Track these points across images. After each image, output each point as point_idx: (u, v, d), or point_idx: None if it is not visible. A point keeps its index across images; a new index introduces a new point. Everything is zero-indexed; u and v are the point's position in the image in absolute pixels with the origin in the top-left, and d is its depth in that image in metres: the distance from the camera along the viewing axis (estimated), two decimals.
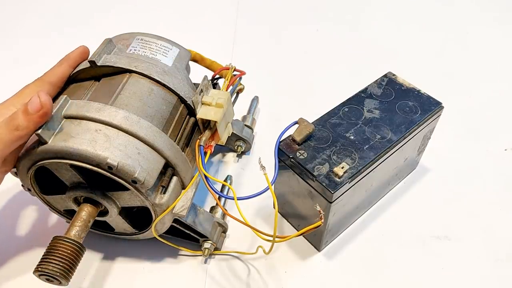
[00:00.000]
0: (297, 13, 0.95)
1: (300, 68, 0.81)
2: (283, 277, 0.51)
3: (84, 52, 0.49)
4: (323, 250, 0.54)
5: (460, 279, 0.51)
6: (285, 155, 0.47)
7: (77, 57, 0.49)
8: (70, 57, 0.48)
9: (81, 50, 0.49)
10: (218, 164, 0.64)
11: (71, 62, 0.48)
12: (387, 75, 0.56)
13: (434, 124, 0.55)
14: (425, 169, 0.63)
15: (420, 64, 0.81)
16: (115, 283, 0.51)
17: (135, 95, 0.45)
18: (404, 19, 0.93)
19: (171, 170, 0.45)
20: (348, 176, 0.44)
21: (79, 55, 0.49)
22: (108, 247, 0.54)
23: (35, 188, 0.46)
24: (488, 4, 0.96)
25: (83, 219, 0.44)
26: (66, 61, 0.48)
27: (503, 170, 0.63)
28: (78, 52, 0.49)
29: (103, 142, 0.40)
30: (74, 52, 0.49)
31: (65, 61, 0.48)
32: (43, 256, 0.41)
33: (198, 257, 0.53)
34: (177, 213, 0.45)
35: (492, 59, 0.82)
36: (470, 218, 0.57)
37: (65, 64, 0.48)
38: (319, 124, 0.50)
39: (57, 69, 0.48)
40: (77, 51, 0.49)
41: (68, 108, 0.42)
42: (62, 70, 0.48)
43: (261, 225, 0.56)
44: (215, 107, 0.47)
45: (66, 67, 0.48)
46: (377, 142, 0.48)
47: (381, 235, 0.55)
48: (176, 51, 0.52)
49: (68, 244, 0.41)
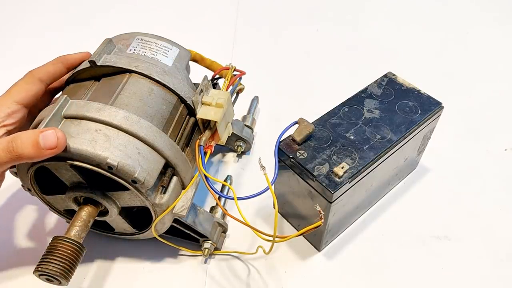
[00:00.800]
0: (297, 13, 0.95)
1: (300, 68, 0.81)
2: (283, 277, 0.51)
3: (84, 58, 0.48)
4: (323, 250, 0.54)
5: (460, 279, 0.51)
6: (285, 155, 0.47)
7: (75, 61, 0.48)
8: (67, 58, 0.48)
9: (82, 56, 0.48)
10: (218, 164, 0.64)
11: (67, 63, 0.48)
12: (387, 75, 0.56)
13: (434, 124, 0.55)
14: (425, 169, 0.63)
15: (420, 64, 0.81)
16: (115, 283, 0.51)
17: (135, 95, 0.45)
18: (404, 19, 0.93)
19: (171, 170, 0.45)
20: (348, 176, 0.44)
21: (78, 59, 0.48)
22: (108, 247, 0.54)
23: (35, 188, 0.46)
24: (488, 4, 0.96)
25: (83, 219, 0.44)
26: (62, 61, 0.47)
27: (503, 170, 0.63)
28: (78, 56, 0.48)
29: (103, 142, 0.40)
30: (74, 55, 0.48)
31: (61, 61, 0.47)
32: (43, 256, 0.41)
33: (198, 257, 0.53)
34: (177, 213, 0.45)
35: (492, 59, 0.82)
36: (470, 218, 0.57)
37: (60, 64, 0.47)
38: (319, 124, 0.50)
39: (50, 67, 0.47)
40: (78, 55, 0.48)
41: (68, 108, 0.42)
42: (55, 69, 0.47)
43: (261, 225, 0.56)
44: (215, 107, 0.47)
45: (60, 67, 0.47)
46: (377, 142, 0.48)
47: (381, 235, 0.55)
48: (176, 51, 0.52)
49: (68, 244, 0.41)
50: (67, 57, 0.48)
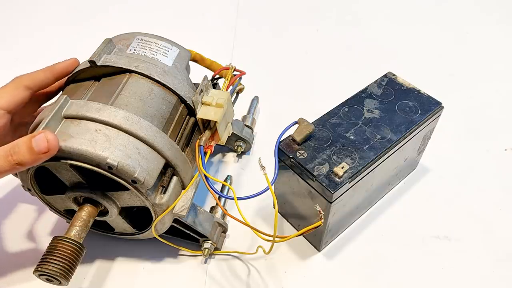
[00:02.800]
0: (297, 13, 0.95)
1: (300, 68, 0.81)
2: (283, 277, 0.51)
3: (72, 65, 0.48)
4: (323, 250, 0.54)
5: (460, 279, 0.51)
6: (285, 155, 0.47)
7: (63, 69, 0.48)
8: (56, 68, 0.47)
9: (70, 63, 0.48)
10: (218, 164, 0.64)
11: (55, 72, 0.47)
12: (387, 75, 0.56)
13: (434, 124, 0.55)
14: (425, 169, 0.63)
15: (420, 64, 0.81)
16: (115, 283, 0.51)
17: (135, 95, 0.45)
18: (404, 19, 0.93)
19: (171, 170, 0.45)
20: (348, 176, 0.44)
21: (65, 67, 0.48)
22: (108, 247, 0.54)
23: (35, 188, 0.46)
24: (488, 4, 0.96)
25: (83, 219, 0.44)
26: (50, 70, 0.47)
27: (503, 170, 0.63)
28: (66, 64, 0.48)
29: (103, 142, 0.40)
30: (62, 63, 0.48)
31: (50, 70, 0.47)
32: (43, 256, 0.41)
33: (198, 257, 0.53)
34: (177, 213, 0.45)
35: (492, 59, 0.82)
36: (470, 218, 0.57)
37: (48, 73, 0.47)
38: (319, 124, 0.50)
39: (39, 75, 0.47)
40: (66, 63, 0.48)
41: (68, 108, 0.42)
42: (43, 77, 0.47)
43: (261, 225, 0.56)
44: (215, 107, 0.47)
45: (49, 76, 0.47)
46: (377, 142, 0.48)
47: (381, 235, 0.55)
48: (176, 51, 0.52)
49: (68, 244, 0.41)
50: (55, 66, 0.48)
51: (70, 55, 0.50)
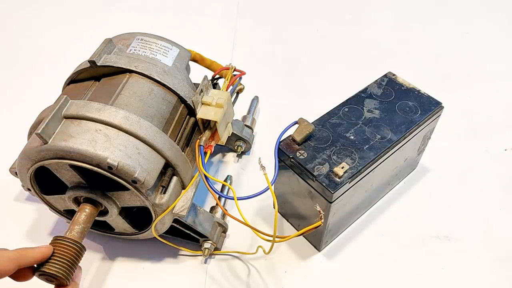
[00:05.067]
0: (297, 13, 0.95)
1: (300, 68, 0.81)
2: (283, 277, 0.51)
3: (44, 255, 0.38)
4: (323, 250, 0.54)
5: (460, 279, 0.51)
6: (285, 155, 0.47)
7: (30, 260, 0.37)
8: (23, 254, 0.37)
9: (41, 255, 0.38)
10: (218, 164, 0.64)
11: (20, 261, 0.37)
12: (387, 75, 0.56)
13: (434, 124, 0.55)
14: (425, 169, 0.63)
15: (420, 64, 0.81)
16: (115, 283, 0.51)
17: (135, 95, 0.45)
18: (404, 19, 0.93)
19: (171, 170, 0.45)
20: (348, 176, 0.44)
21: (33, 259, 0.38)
22: (108, 247, 0.54)
23: (35, 188, 0.46)
24: (488, 4, 0.96)
25: (83, 219, 0.44)
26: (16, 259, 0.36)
27: (503, 170, 0.63)
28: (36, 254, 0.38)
29: (103, 142, 0.40)
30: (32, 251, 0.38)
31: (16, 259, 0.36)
32: None
33: (198, 257, 0.53)
34: (177, 213, 0.45)
35: (492, 59, 0.82)
36: (470, 218, 0.57)
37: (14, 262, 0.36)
38: (319, 124, 0.50)
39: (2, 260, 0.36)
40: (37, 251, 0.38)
41: (68, 108, 0.42)
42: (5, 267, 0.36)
43: (261, 225, 0.56)
44: (215, 107, 0.47)
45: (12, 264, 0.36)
46: (377, 142, 0.48)
47: (381, 235, 0.55)
48: (176, 51, 0.52)
49: (68, 244, 0.41)
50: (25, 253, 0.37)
51: (70, 55, 0.51)
